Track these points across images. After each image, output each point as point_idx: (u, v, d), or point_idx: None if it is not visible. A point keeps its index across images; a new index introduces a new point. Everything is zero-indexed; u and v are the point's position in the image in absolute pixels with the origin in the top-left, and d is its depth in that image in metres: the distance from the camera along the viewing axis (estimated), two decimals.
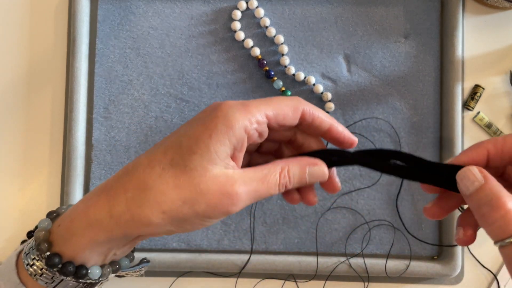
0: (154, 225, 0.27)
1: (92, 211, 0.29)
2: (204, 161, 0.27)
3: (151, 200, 0.27)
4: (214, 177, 0.27)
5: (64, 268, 0.29)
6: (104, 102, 0.47)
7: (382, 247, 0.46)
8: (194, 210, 0.27)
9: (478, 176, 0.27)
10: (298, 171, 0.30)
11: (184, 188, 0.27)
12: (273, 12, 0.48)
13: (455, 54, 0.46)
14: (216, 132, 0.27)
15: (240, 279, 0.46)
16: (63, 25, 0.49)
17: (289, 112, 0.30)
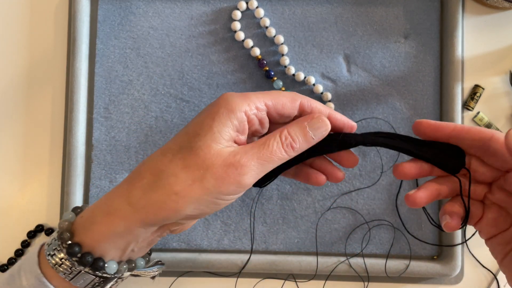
0: (169, 208, 0.28)
1: (111, 200, 0.31)
2: (208, 140, 0.28)
3: (164, 182, 0.28)
4: (218, 153, 0.28)
5: (82, 258, 0.30)
6: (104, 102, 0.47)
7: (382, 247, 0.46)
8: (204, 187, 0.28)
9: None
10: (297, 128, 0.31)
11: (192, 167, 0.28)
12: (273, 12, 0.48)
13: (455, 54, 0.46)
14: (219, 115, 0.29)
15: (240, 279, 0.46)
16: (63, 25, 0.49)
17: (287, 102, 0.31)
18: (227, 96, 0.30)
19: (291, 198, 0.47)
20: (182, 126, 0.47)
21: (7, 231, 0.47)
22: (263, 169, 0.30)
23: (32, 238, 0.47)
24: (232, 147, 0.30)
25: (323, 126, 0.31)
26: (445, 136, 0.32)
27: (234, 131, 0.30)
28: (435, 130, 0.32)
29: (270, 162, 0.30)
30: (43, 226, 0.47)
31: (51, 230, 0.47)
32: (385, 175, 0.46)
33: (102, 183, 0.46)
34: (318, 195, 0.47)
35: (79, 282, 0.32)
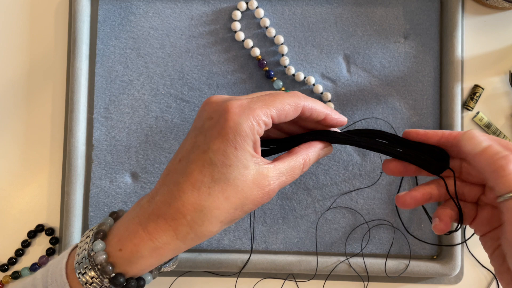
0: (214, 233, 0.32)
1: (157, 236, 0.31)
2: (241, 169, 0.31)
3: (210, 217, 0.31)
4: (253, 180, 0.31)
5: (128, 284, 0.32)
6: (105, 102, 0.47)
7: (382, 247, 0.46)
8: (243, 211, 0.32)
9: (483, 137, 0.30)
10: (315, 156, 0.35)
11: (233, 198, 0.31)
12: (273, 12, 0.48)
13: (455, 54, 0.46)
14: (237, 143, 0.31)
15: (240, 279, 0.46)
16: (63, 25, 0.49)
17: (290, 111, 0.33)
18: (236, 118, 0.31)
19: (291, 198, 0.47)
20: (182, 126, 0.47)
21: (7, 231, 0.47)
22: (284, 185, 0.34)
23: (32, 238, 0.47)
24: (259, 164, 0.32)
25: (328, 153, 0.36)
26: (434, 143, 0.34)
27: (252, 149, 0.32)
28: (424, 139, 0.34)
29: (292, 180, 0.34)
30: (43, 226, 0.47)
31: (51, 230, 0.47)
32: (385, 175, 0.46)
33: (102, 183, 0.46)
34: (318, 195, 0.47)
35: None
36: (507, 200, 0.28)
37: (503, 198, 0.28)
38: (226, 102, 0.31)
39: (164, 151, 0.47)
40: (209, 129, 0.31)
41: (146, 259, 0.32)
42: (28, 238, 0.47)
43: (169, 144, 0.47)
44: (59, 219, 0.47)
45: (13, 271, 0.47)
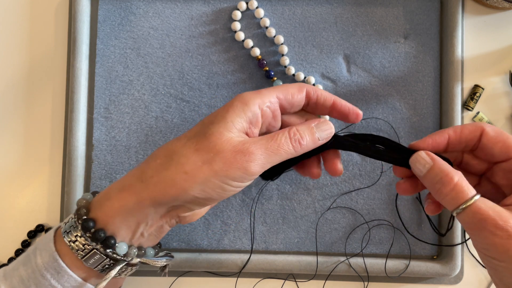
0: (178, 187, 0.31)
1: (126, 178, 0.33)
2: (221, 128, 0.31)
3: (175, 162, 0.31)
4: (228, 140, 0.31)
5: (95, 233, 0.32)
6: (105, 102, 0.47)
7: (382, 247, 0.46)
8: (212, 169, 0.30)
9: (427, 159, 0.32)
10: (306, 127, 0.33)
11: (203, 150, 0.31)
12: (273, 12, 0.48)
13: (455, 54, 0.46)
14: (233, 107, 0.32)
15: (240, 279, 0.46)
16: (63, 25, 0.49)
17: (295, 91, 0.34)
18: (242, 93, 0.33)
19: (291, 198, 0.47)
20: (182, 126, 0.47)
21: (7, 231, 0.47)
22: (270, 160, 0.32)
23: (32, 238, 0.47)
24: (242, 137, 0.32)
25: (329, 129, 0.34)
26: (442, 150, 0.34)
27: (247, 122, 0.32)
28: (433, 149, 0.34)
29: (277, 155, 0.32)
30: (43, 226, 0.47)
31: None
32: (385, 175, 0.46)
33: (102, 183, 0.46)
34: (318, 195, 0.47)
35: (90, 261, 0.33)
36: (459, 214, 0.30)
37: (455, 213, 0.30)
38: None
39: None
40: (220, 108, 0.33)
41: (111, 201, 0.33)
42: (28, 238, 0.47)
43: None
44: (59, 219, 0.47)
45: None
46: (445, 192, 0.30)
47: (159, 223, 0.34)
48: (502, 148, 0.31)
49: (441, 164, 0.32)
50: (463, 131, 0.33)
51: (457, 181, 0.30)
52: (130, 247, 0.34)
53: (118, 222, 0.33)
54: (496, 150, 0.32)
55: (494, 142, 0.32)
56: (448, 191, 0.30)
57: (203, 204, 0.33)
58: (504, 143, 0.31)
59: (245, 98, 0.32)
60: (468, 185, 0.30)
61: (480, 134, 0.32)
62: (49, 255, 0.33)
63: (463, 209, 0.30)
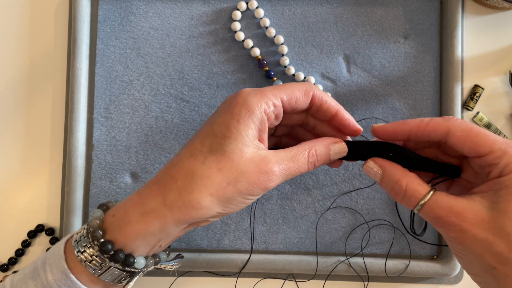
0: (204, 208, 0.31)
1: (146, 201, 0.32)
2: (239, 144, 0.30)
3: (199, 185, 0.30)
4: (251, 158, 0.31)
5: (115, 255, 0.32)
6: (105, 102, 0.47)
7: (382, 247, 0.46)
8: (237, 189, 0.30)
9: (376, 169, 0.33)
10: (323, 149, 0.34)
11: (226, 170, 0.30)
12: (273, 12, 0.48)
13: (455, 54, 0.46)
14: (242, 117, 0.31)
15: (240, 279, 0.46)
16: (63, 25, 0.49)
17: (301, 96, 0.33)
18: (245, 95, 0.32)
19: (291, 198, 0.47)
20: (182, 126, 0.47)
21: (7, 231, 0.47)
22: (286, 178, 0.33)
23: (32, 238, 0.47)
24: (261, 150, 0.32)
25: (343, 152, 0.34)
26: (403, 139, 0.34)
27: (257, 130, 0.32)
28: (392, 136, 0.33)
29: (294, 174, 0.33)
30: (43, 226, 0.47)
31: (52, 230, 0.47)
32: None
33: (102, 183, 0.47)
34: (318, 195, 0.47)
35: (105, 276, 0.33)
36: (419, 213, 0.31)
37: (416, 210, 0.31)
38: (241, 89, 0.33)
39: (164, 151, 0.47)
40: (220, 109, 0.33)
41: (133, 225, 0.32)
42: (28, 238, 0.47)
43: (169, 144, 0.47)
44: (59, 219, 0.47)
45: (13, 271, 0.47)
46: (399, 198, 0.32)
47: (179, 235, 0.34)
48: (471, 148, 0.30)
49: (390, 171, 0.32)
50: (427, 127, 0.32)
51: (406, 187, 0.31)
52: (147, 259, 0.34)
53: (138, 242, 0.32)
54: (465, 150, 0.31)
55: (462, 142, 0.31)
56: (402, 198, 0.31)
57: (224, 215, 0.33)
58: (472, 143, 0.30)
59: (251, 105, 0.31)
60: (419, 185, 0.31)
61: (446, 133, 0.31)
62: (61, 272, 0.32)
63: (418, 210, 0.31)
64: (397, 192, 0.32)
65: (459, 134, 0.31)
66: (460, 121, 0.31)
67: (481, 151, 0.30)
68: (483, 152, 0.30)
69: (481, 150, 0.30)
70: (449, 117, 0.32)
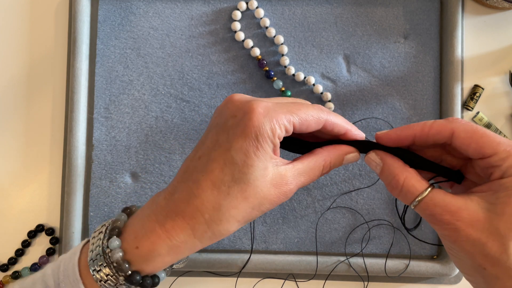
0: (231, 232, 0.32)
1: (174, 235, 0.32)
2: (261, 171, 0.31)
3: (227, 216, 0.31)
4: (272, 180, 0.32)
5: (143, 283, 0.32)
6: (105, 102, 0.47)
7: (382, 247, 0.46)
8: (260, 211, 0.32)
9: (377, 160, 0.33)
10: (338, 160, 0.34)
11: (251, 198, 0.31)
12: (273, 12, 0.48)
13: (455, 54, 0.46)
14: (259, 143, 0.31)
15: (240, 279, 0.46)
16: (63, 25, 0.49)
17: (312, 123, 0.33)
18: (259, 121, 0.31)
19: (291, 198, 0.47)
20: (182, 126, 0.47)
21: (7, 231, 0.47)
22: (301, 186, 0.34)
23: (32, 238, 0.47)
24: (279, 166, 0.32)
25: (355, 160, 0.35)
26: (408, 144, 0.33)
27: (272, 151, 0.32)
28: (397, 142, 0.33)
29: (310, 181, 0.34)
30: (43, 226, 0.47)
31: (51, 230, 0.47)
32: None
33: (102, 183, 0.47)
34: (318, 195, 0.47)
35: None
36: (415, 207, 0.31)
37: (412, 206, 0.31)
38: (251, 102, 0.31)
39: (164, 151, 0.47)
40: (232, 127, 0.31)
41: (163, 257, 0.32)
42: (28, 238, 0.47)
43: (169, 144, 0.47)
44: (59, 219, 0.47)
45: (13, 271, 0.47)
46: (396, 193, 0.32)
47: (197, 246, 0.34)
48: (475, 149, 0.30)
49: (389, 165, 0.32)
50: (431, 130, 0.32)
51: (403, 182, 0.31)
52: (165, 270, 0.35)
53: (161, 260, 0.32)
54: (469, 152, 0.31)
55: (467, 144, 0.31)
56: (399, 192, 0.32)
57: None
58: (476, 144, 0.30)
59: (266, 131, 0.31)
60: (418, 181, 0.31)
61: (450, 135, 0.31)
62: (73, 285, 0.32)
63: (415, 206, 0.31)
64: (393, 187, 0.32)
65: (463, 136, 0.31)
66: (464, 122, 0.31)
67: (485, 153, 0.30)
68: (487, 153, 0.30)
69: (485, 151, 0.30)
70: (452, 118, 0.32)
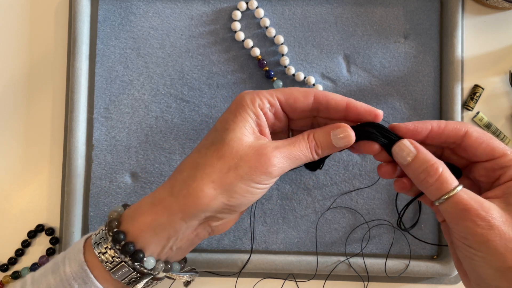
0: (207, 196, 0.31)
1: (157, 193, 0.34)
2: (238, 133, 0.32)
3: (202, 173, 0.32)
4: (250, 145, 0.32)
5: (125, 246, 0.32)
6: (105, 102, 0.47)
7: (382, 247, 0.46)
8: (238, 174, 0.31)
9: (411, 148, 0.32)
10: (323, 134, 0.33)
11: (227, 157, 0.31)
12: (273, 12, 0.48)
13: (455, 54, 0.46)
14: (238, 111, 0.33)
15: (240, 279, 0.46)
16: (63, 25, 0.49)
17: (299, 96, 0.34)
18: (242, 94, 0.34)
19: (291, 198, 0.47)
20: (182, 126, 0.47)
21: (7, 230, 0.47)
22: (290, 164, 0.33)
23: (32, 238, 0.47)
24: (261, 139, 0.33)
25: (346, 138, 0.33)
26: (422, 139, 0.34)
27: (256, 125, 0.33)
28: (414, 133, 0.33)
29: (297, 159, 0.33)
30: (43, 226, 0.47)
31: (51, 230, 0.47)
32: None
33: (102, 183, 0.47)
34: (318, 195, 0.47)
35: (117, 274, 0.33)
36: (442, 203, 0.31)
37: (438, 202, 0.31)
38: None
39: (164, 151, 0.47)
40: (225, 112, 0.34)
41: (143, 215, 0.33)
42: (28, 238, 0.47)
43: (169, 144, 0.47)
44: (59, 219, 0.47)
45: (13, 271, 0.47)
46: (430, 182, 0.31)
47: (190, 236, 0.35)
48: (486, 149, 0.32)
49: (425, 153, 0.32)
50: (446, 127, 0.33)
51: (441, 172, 0.31)
52: (157, 262, 0.34)
53: (149, 236, 0.33)
54: (479, 151, 0.32)
55: (478, 143, 0.32)
56: (433, 181, 0.31)
57: (233, 211, 0.33)
58: (487, 145, 0.32)
59: (245, 101, 0.33)
60: (451, 176, 0.31)
61: (463, 134, 0.33)
62: (78, 265, 0.33)
63: (445, 199, 0.30)
64: (430, 175, 0.31)
65: (476, 136, 0.32)
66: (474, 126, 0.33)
67: (496, 153, 0.31)
68: (497, 154, 0.31)
69: (495, 152, 0.32)
70: (463, 122, 0.33)
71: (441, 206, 0.31)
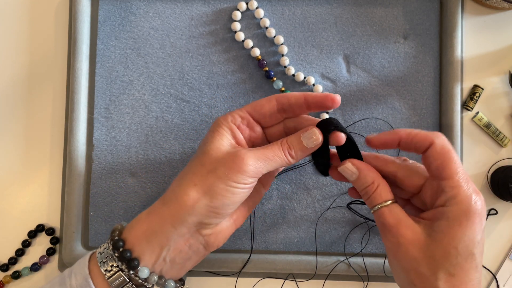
0: (191, 199, 0.34)
1: (153, 204, 0.37)
2: (216, 144, 0.36)
3: (186, 179, 0.35)
4: (227, 151, 0.35)
5: (123, 253, 0.35)
6: (105, 102, 0.47)
7: (382, 247, 0.46)
8: (216, 175, 0.34)
9: (354, 170, 0.36)
10: (294, 138, 0.36)
11: (207, 163, 0.35)
12: (273, 12, 0.48)
13: (454, 55, 0.46)
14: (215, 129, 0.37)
15: (240, 278, 0.46)
16: (64, 25, 0.49)
17: (264, 103, 0.37)
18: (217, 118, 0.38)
19: (291, 198, 0.47)
20: (182, 126, 0.47)
21: (8, 230, 0.47)
22: (265, 165, 0.35)
23: (32, 238, 0.47)
24: (235, 147, 0.36)
25: (314, 137, 0.36)
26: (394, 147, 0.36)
27: (232, 137, 0.36)
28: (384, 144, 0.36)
29: (272, 160, 0.35)
30: (43, 226, 0.47)
31: (52, 229, 0.47)
32: None
33: (102, 183, 0.47)
34: (318, 195, 0.47)
35: (114, 283, 0.35)
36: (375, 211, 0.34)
37: (372, 210, 0.35)
38: None
39: (164, 151, 0.47)
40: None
41: (139, 224, 0.36)
42: (29, 238, 0.47)
43: (169, 144, 0.47)
44: (59, 219, 0.47)
45: (14, 271, 0.47)
46: (366, 197, 0.35)
47: (183, 248, 0.36)
48: (437, 167, 0.32)
49: (365, 175, 0.35)
50: (414, 138, 0.34)
51: (375, 189, 0.35)
52: (151, 274, 0.36)
53: (144, 245, 0.35)
54: (432, 167, 0.33)
55: (434, 158, 0.33)
56: (369, 196, 0.35)
57: (219, 214, 0.35)
58: (441, 163, 0.32)
59: (220, 121, 0.37)
60: (386, 192, 0.34)
61: (429, 145, 0.33)
62: (82, 277, 0.35)
63: (374, 211, 0.34)
64: (366, 193, 0.35)
65: (438, 150, 0.33)
66: (445, 140, 0.33)
67: (443, 174, 0.32)
68: (444, 175, 0.32)
69: (444, 173, 0.32)
70: (438, 133, 0.34)
71: (374, 213, 0.35)
